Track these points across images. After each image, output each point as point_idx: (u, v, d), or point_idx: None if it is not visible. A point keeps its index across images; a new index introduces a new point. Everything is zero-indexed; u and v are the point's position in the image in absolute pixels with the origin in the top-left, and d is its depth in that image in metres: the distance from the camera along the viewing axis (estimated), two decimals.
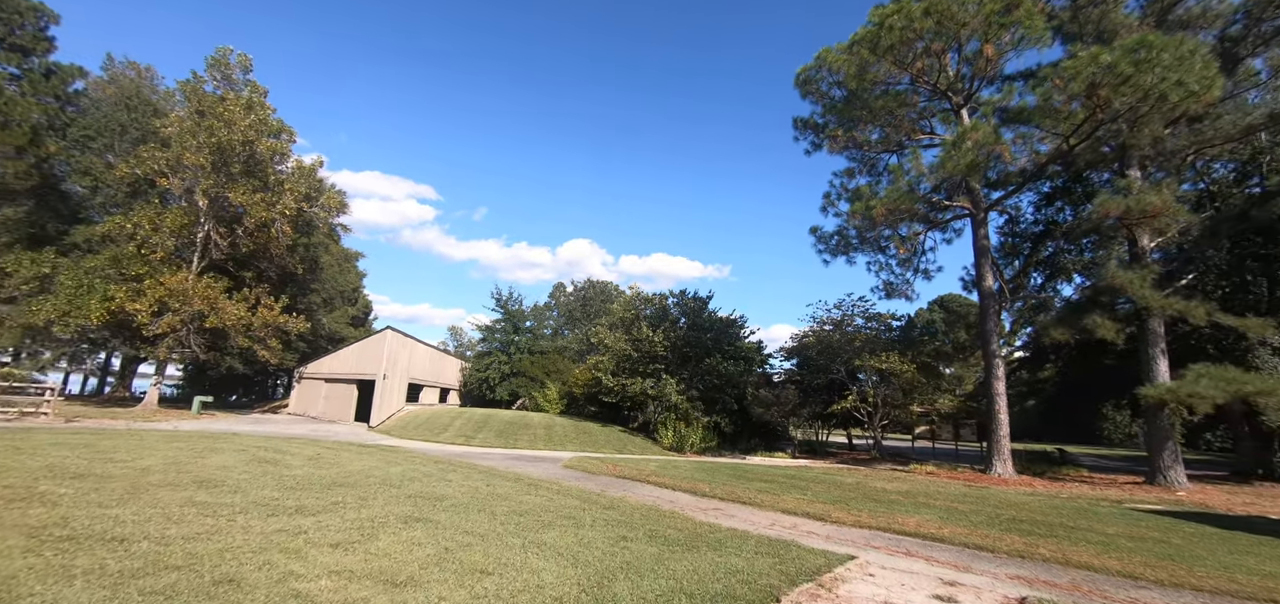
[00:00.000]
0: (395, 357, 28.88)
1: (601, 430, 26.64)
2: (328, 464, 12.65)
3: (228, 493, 8.63)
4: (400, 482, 10.85)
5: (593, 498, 10.64)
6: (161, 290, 24.95)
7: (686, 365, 28.02)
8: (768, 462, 23.72)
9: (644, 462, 18.69)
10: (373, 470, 11.97)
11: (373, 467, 12.61)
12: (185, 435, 16.83)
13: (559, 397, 37.41)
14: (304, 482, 9.96)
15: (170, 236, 26.51)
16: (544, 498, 10.22)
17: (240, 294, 28.50)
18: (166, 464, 10.76)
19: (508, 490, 10.77)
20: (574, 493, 11.11)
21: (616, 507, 9.88)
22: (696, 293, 28.38)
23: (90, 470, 9.57)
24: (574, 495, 10.75)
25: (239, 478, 9.95)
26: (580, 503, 9.99)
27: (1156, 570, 7.46)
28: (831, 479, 16.85)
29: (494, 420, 27.32)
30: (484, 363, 43.65)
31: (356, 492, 9.38)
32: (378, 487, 10.10)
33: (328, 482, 10.21)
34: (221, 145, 26.39)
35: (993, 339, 19.36)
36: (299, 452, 14.51)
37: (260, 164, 28.94)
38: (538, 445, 22.67)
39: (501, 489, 10.85)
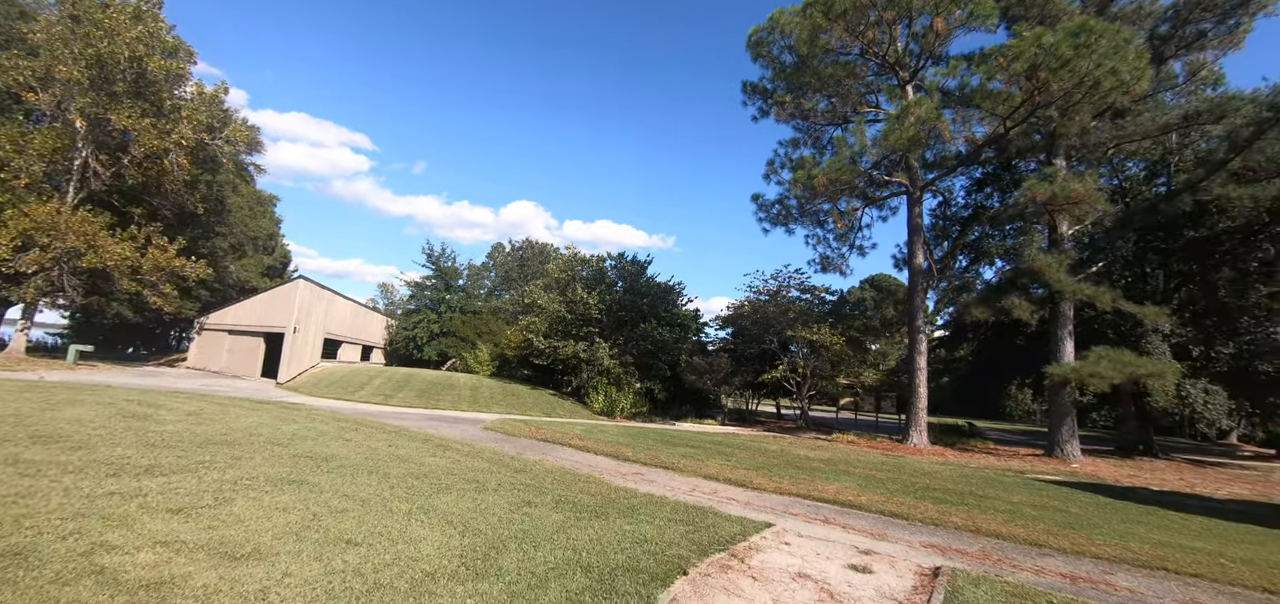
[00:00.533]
0: (308, 309, 26.71)
1: (531, 394, 25.83)
2: (210, 420, 11.28)
3: (67, 450, 7.37)
4: (289, 440, 9.74)
5: (505, 460, 9.94)
6: (26, 222, 21.79)
7: (622, 330, 27.51)
8: (697, 428, 23.72)
9: (570, 425, 18.12)
10: (260, 428, 10.74)
11: (262, 424, 11.35)
12: (46, 387, 14.76)
13: (491, 359, 36.30)
14: (172, 439, 8.71)
15: (38, 161, 23.11)
16: (450, 460, 9.42)
17: (126, 232, 25.41)
18: (3, 417, 9.18)
19: (412, 451, 9.89)
20: (486, 455, 10.36)
21: (529, 470, 9.23)
22: (636, 257, 27.83)
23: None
24: (485, 458, 10.01)
25: (90, 434, 8.59)
26: (489, 465, 9.27)
27: (1059, 539, 7.58)
28: (757, 446, 16.86)
29: (417, 380, 25.94)
30: (412, 321, 41.61)
31: (232, 451, 8.26)
32: (261, 446, 8.99)
33: (202, 440, 8.99)
34: (102, 58, 23.02)
35: (919, 315, 19.90)
36: (178, 406, 12.95)
37: (152, 86, 25.60)
38: (461, 406, 21.64)
39: (405, 450, 9.95)
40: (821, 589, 4.89)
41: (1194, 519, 10.36)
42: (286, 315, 25.69)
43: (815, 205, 24.81)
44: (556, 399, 25.78)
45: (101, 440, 8.18)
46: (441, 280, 44.22)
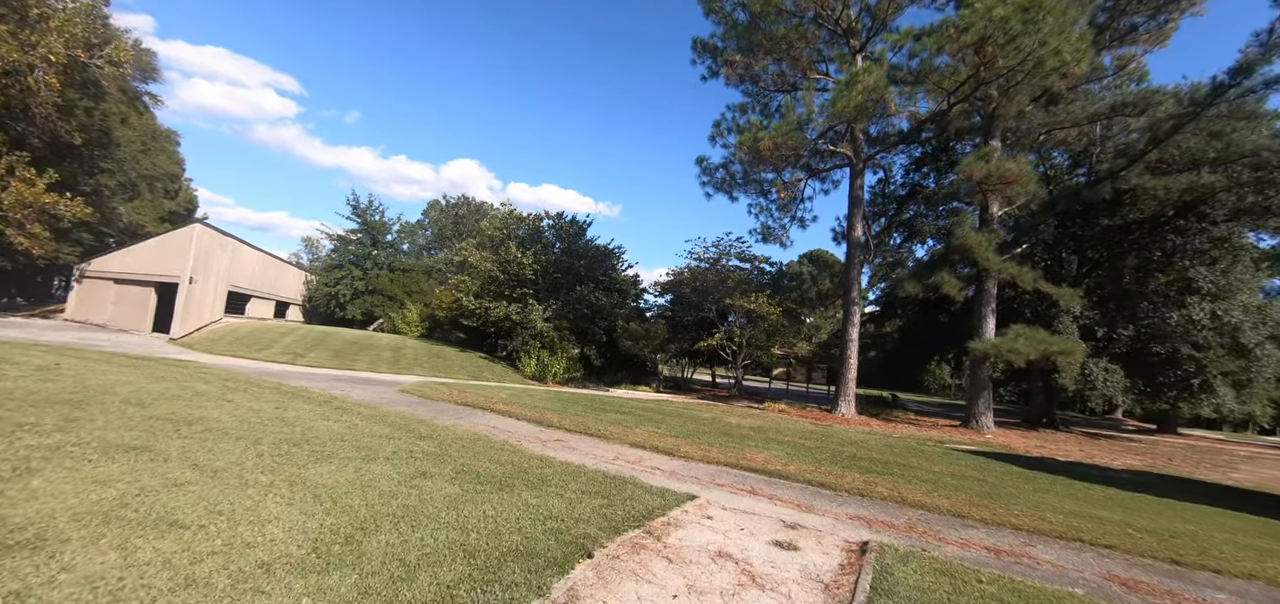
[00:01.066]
0: (208, 257, 24.09)
1: (459, 356, 24.59)
2: (63, 377, 9.67)
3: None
4: (152, 401, 8.41)
5: (410, 425, 9.00)
6: None
7: (557, 293, 26.56)
8: (631, 395, 23.31)
9: (497, 389, 17.20)
10: (120, 386, 9.28)
11: (126, 382, 9.84)
12: None
13: (420, 319, 34.57)
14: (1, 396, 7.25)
15: None
16: (346, 424, 8.40)
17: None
18: None
19: (302, 414, 8.79)
20: (391, 419, 9.37)
21: (435, 436, 8.36)
22: (575, 217, 26.78)
23: None
24: (389, 422, 9.03)
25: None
26: (391, 431, 8.32)
27: (980, 509, 7.52)
28: (689, 413, 16.57)
29: (334, 339, 24.13)
30: (334, 277, 38.90)
31: (71, 411, 6.95)
32: (114, 407, 7.66)
33: (40, 398, 7.55)
34: None
35: (854, 288, 20.11)
36: (30, 360, 11.11)
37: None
38: (380, 368, 20.23)
39: (294, 413, 8.83)
40: (743, 571, 4.39)
41: (1097, 488, 10.78)
42: (181, 263, 23.04)
43: (759, 174, 24.54)
44: (487, 363, 24.66)
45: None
46: (368, 235, 41.48)
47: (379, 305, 38.56)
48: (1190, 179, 17.52)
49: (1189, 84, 17.26)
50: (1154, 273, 22.01)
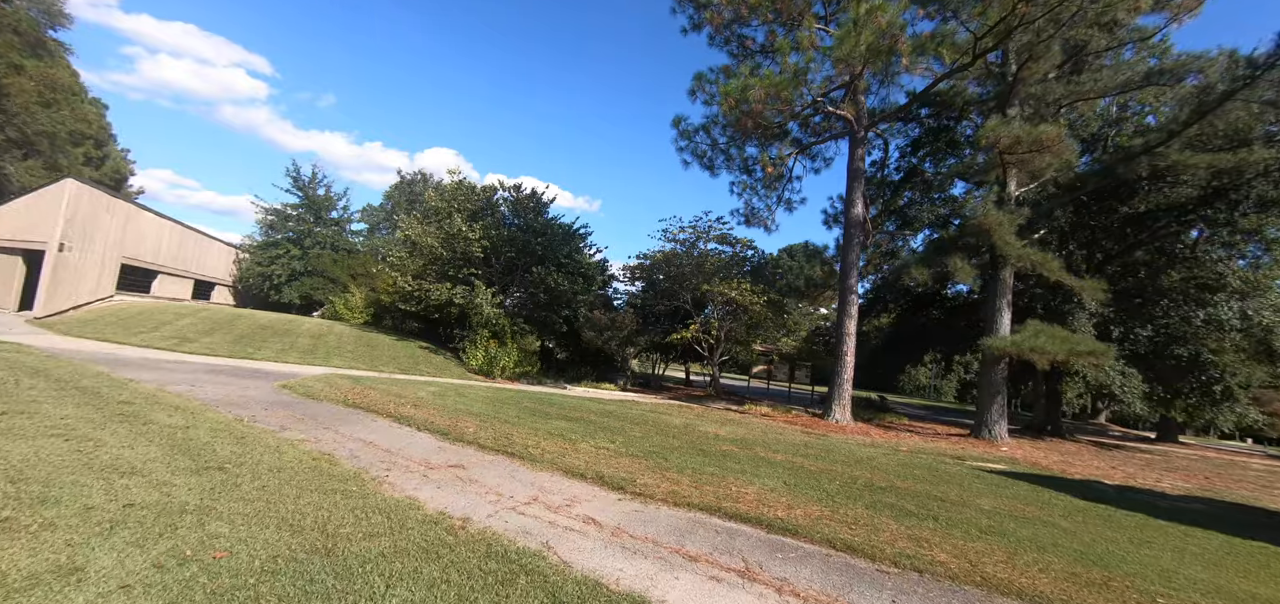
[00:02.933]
0: (88, 223, 20.07)
1: (396, 345, 21.14)
2: None
3: None
4: None
5: (215, 445, 5.73)
6: None
7: (512, 275, 23.28)
8: (591, 393, 20.22)
9: (421, 387, 13.92)
10: None
11: None
12: None
13: (365, 305, 30.93)
14: None
15: None
16: (112, 447, 5.14)
17: None
18: None
19: (46, 426, 5.49)
20: (200, 432, 6.11)
21: (245, 463, 5.20)
22: (535, 190, 23.41)
23: None
24: (193, 441, 5.78)
25: None
26: (167, 455, 5.08)
27: (1101, 597, 4.66)
28: (656, 419, 13.55)
29: (243, 323, 20.48)
30: (268, 255, 34.84)
31: None
32: None
33: None
34: None
35: (852, 273, 17.30)
36: None
37: None
38: (288, 358, 16.72)
39: (25, 423, 5.52)
40: None
41: (1197, 534, 8.07)
42: (49, 228, 19.05)
43: (743, 145, 21.69)
44: (429, 353, 21.26)
45: None
46: (310, 210, 37.47)
47: (319, 288, 34.70)
48: (1241, 156, 15.19)
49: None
50: (1175, 266, 19.84)
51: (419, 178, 45.08)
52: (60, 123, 32.22)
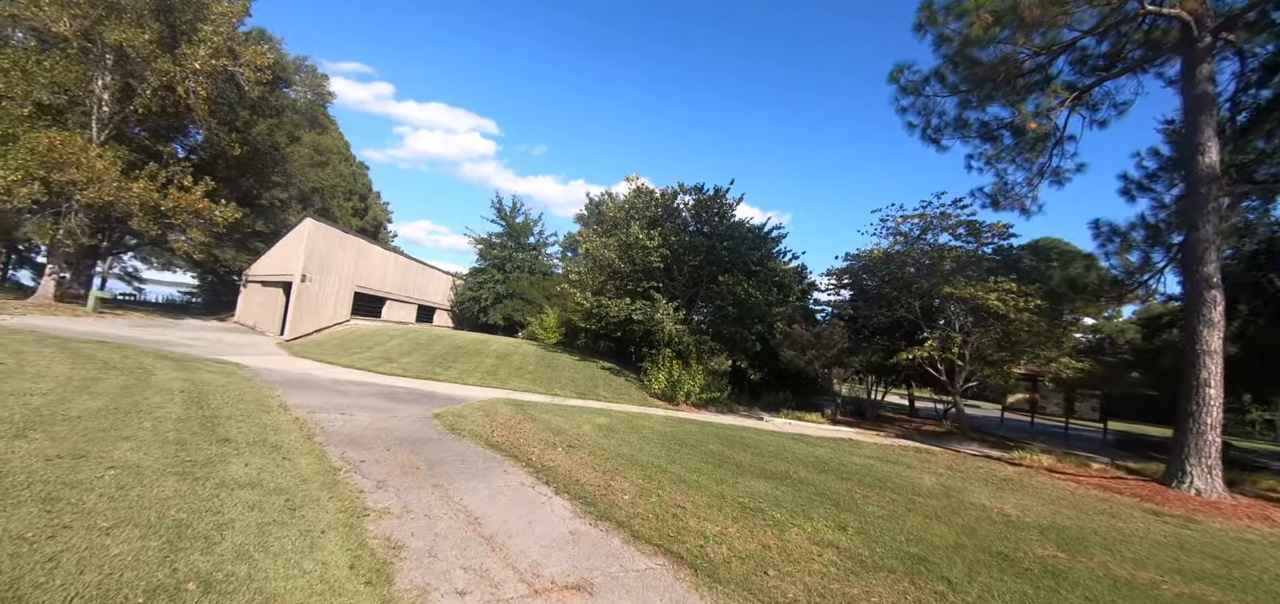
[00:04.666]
0: (325, 256, 22.77)
1: (575, 367, 19.98)
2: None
3: None
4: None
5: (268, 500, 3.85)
6: (25, 155, 19.44)
7: (696, 286, 20.75)
8: (794, 426, 16.53)
9: (588, 417, 11.85)
10: None
11: None
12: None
13: (558, 325, 31.40)
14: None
15: (45, 89, 20.84)
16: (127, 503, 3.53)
17: (146, 170, 22.92)
18: None
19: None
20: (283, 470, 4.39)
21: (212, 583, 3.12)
22: (718, 188, 20.60)
23: None
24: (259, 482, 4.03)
25: None
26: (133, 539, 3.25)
27: None
28: (895, 476, 9.53)
29: (441, 344, 21.16)
30: (477, 281, 37.70)
31: None
32: None
33: None
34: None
35: (1209, 255, 10.95)
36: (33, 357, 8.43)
37: (169, 8, 22.73)
38: (471, 379, 16.23)
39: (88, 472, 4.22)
40: None
41: None
42: (295, 263, 21.90)
43: (984, 108, 16.34)
44: (610, 375, 19.69)
45: None
46: (511, 238, 39.89)
47: (519, 310, 36.42)
48: None
49: None
50: None
51: (606, 198, 45.78)
52: (326, 180, 39.03)
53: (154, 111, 23.52)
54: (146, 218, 22.34)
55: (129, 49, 21.10)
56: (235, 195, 27.63)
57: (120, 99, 22.80)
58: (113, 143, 22.99)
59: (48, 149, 19.67)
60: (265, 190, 32.37)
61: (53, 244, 22.58)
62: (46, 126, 20.95)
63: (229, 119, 27.22)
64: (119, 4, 21.12)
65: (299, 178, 35.52)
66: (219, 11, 23.10)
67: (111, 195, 20.60)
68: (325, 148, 39.96)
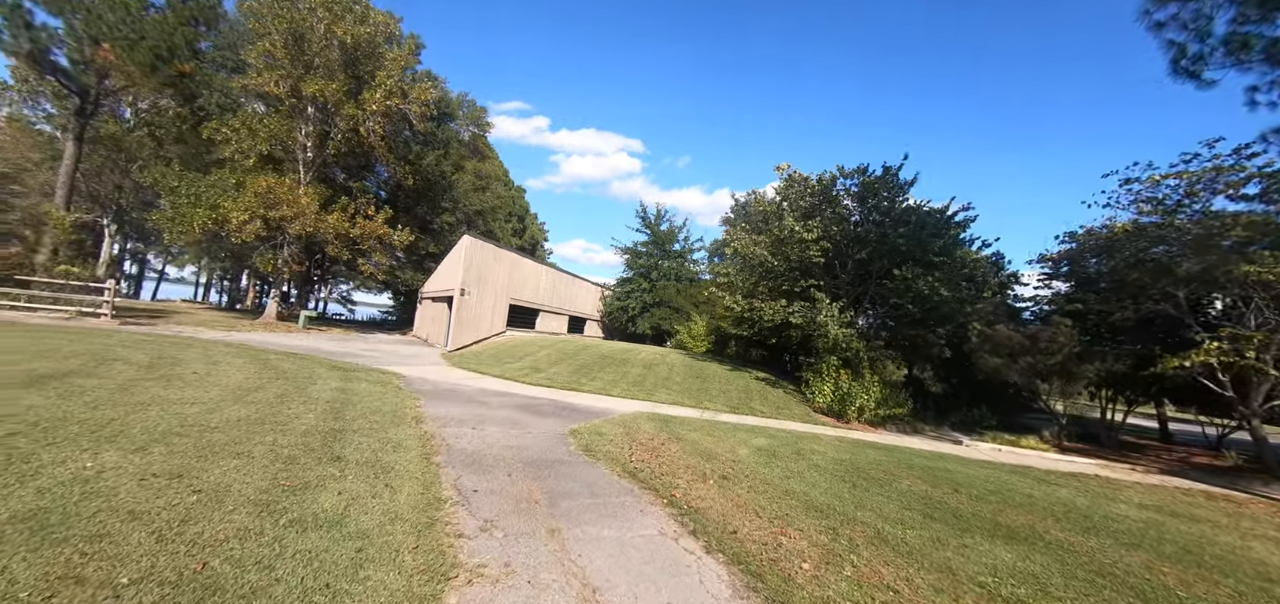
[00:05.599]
0: (482, 270, 23.72)
1: (726, 377, 18.22)
2: (171, 364, 6.85)
3: None
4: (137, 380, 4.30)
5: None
6: (250, 197, 22.93)
7: (864, 284, 17.86)
8: (1007, 455, 13.06)
9: (743, 436, 10.04)
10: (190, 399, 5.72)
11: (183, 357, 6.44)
12: (212, 344, 12.99)
13: (706, 333, 30.10)
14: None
15: (265, 142, 24.50)
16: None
17: (340, 203, 25.96)
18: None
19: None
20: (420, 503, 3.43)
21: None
22: (887, 166, 17.55)
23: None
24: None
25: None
26: None
27: None
28: (1207, 544, 6.38)
29: (587, 354, 20.73)
30: (625, 290, 37.71)
31: None
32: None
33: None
34: (297, 32, 23.26)
35: None
36: (196, 353, 9.20)
37: (355, 61, 25.60)
38: (613, 390, 15.27)
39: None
40: None
41: None
42: (453, 278, 23.09)
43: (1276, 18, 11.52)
44: (766, 387, 17.64)
45: None
46: (656, 246, 39.38)
47: (666, 318, 35.60)
48: None
49: None
50: None
51: (752, 198, 43.44)
52: (487, 203, 42.00)
53: (344, 152, 26.60)
54: (339, 244, 25.19)
55: (322, 98, 23.98)
56: (411, 222, 30.41)
57: (319, 145, 26.07)
58: (315, 183, 26.31)
59: (266, 190, 22.96)
60: (436, 216, 35.42)
61: (273, 272, 26.42)
62: (265, 173, 24.52)
63: (403, 153, 30.03)
64: (313, 62, 24.10)
65: (464, 202, 38.56)
66: (391, 58, 25.48)
67: (312, 227, 23.47)
68: (486, 174, 43.18)
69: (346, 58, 25.31)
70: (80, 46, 25.66)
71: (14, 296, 17.12)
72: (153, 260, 57.63)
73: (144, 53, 25.51)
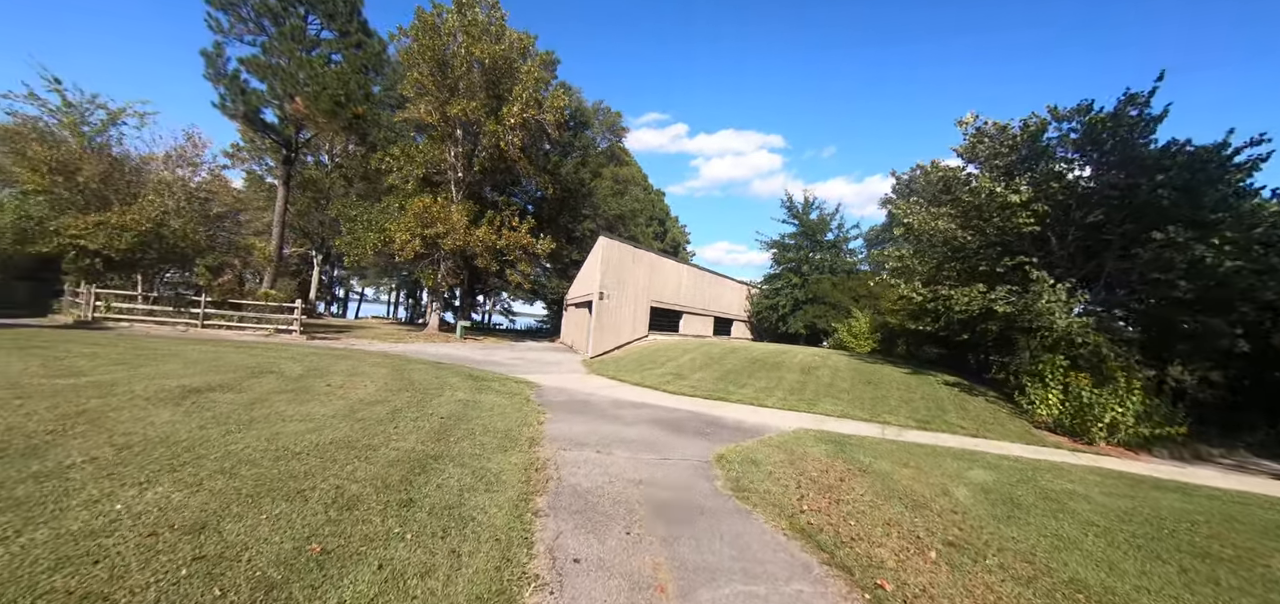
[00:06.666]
0: (620, 272, 22.72)
1: (906, 383, 15.00)
2: (319, 375, 6.56)
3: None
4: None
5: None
6: (409, 218, 24.52)
7: (1100, 256, 13.55)
8: None
9: (953, 465, 7.31)
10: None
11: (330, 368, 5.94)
12: (366, 355, 13.70)
13: (871, 330, 26.72)
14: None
15: (421, 166, 26.18)
16: None
17: (486, 217, 26.90)
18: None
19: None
20: None
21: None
22: (1133, 95, 13.05)
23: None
24: None
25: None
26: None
27: None
28: None
29: (735, 357, 18.72)
30: (773, 287, 34.83)
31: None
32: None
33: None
34: (441, 58, 24.43)
35: None
36: (339, 367, 9.09)
37: (494, 80, 26.40)
38: (767, 400, 13.02)
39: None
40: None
41: None
42: (593, 280, 22.37)
43: None
44: (960, 394, 14.15)
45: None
46: (806, 237, 35.89)
47: (821, 315, 32.12)
48: None
49: None
50: None
51: (920, 173, 37.84)
52: (626, 207, 41.74)
53: (489, 169, 27.54)
54: (487, 256, 26.00)
55: (465, 117, 24.96)
56: (554, 231, 30.80)
57: (467, 164, 27.26)
58: (465, 200, 27.57)
59: (422, 210, 24.36)
60: (578, 223, 35.76)
61: (432, 287, 28.16)
62: (423, 195, 26.12)
63: (542, 164, 30.51)
64: (456, 85, 25.17)
65: (604, 208, 38.65)
66: (525, 71, 25.80)
67: (462, 241, 24.41)
68: (624, 178, 43.11)
69: (486, 78, 26.11)
70: (280, 103, 29.73)
71: (228, 317, 19.69)
72: (356, 285, 66.89)
73: (326, 100, 28.72)
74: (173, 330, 17.98)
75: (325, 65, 30.18)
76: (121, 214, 18.36)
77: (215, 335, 17.76)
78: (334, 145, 35.04)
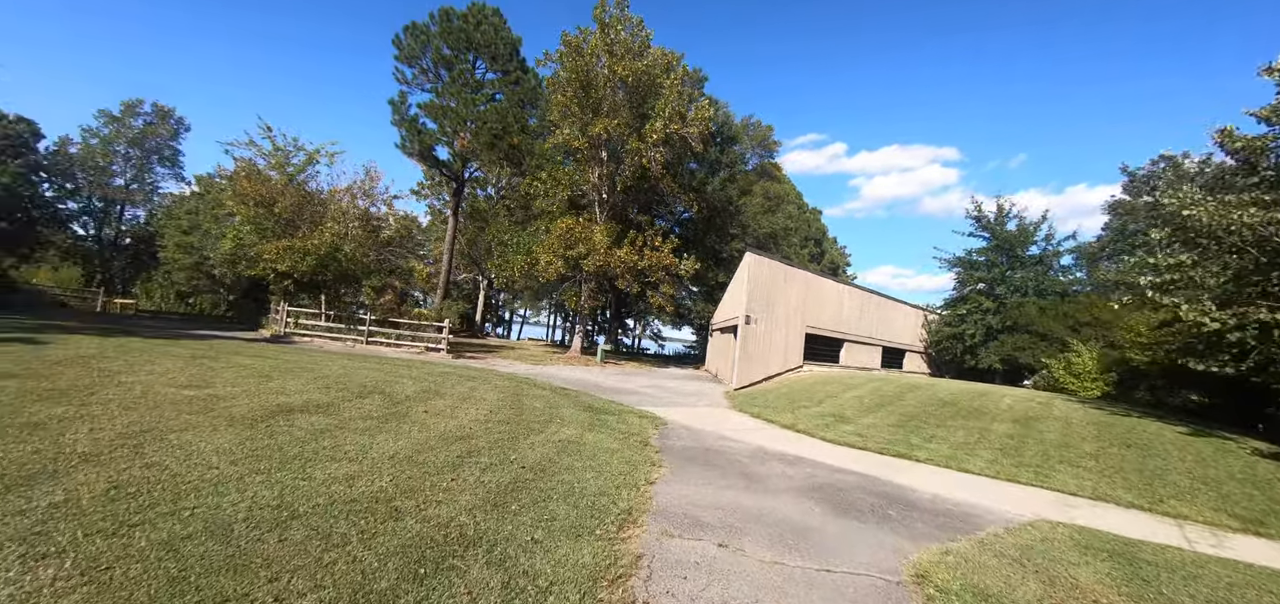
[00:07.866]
0: (769, 292, 19.85)
1: (1187, 448, 10.40)
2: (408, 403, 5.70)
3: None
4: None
5: None
6: (553, 240, 24.49)
7: None
8: None
9: None
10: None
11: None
12: (493, 376, 13.34)
13: (1101, 368, 21.09)
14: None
15: (566, 189, 26.22)
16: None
17: (628, 237, 26.03)
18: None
19: None
20: None
21: None
22: None
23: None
24: None
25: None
26: None
27: None
28: None
29: (913, 397, 15.13)
30: (957, 314, 29.24)
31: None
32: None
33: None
34: (585, 80, 24.17)
35: None
36: (456, 389, 8.21)
37: (637, 98, 25.63)
38: (971, 462, 9.57)
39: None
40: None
41: None
42: (738, 302, 19.87)
43: None
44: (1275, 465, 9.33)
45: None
46: (1001, 251, 29.73)
47: (1025, 348, 26.07)
48: None
49: None
50: None
51: (1165, 166, 29.31)
52: (778, 224, 38.60)
53: (631, 188, 26.72)
54: (629, 277, 25.00)
55: (607, 136, 24.41)
56: (701, 252, 29.08)
57: (610, 184, 26.73)
58: (609, 221, 27.01)
59: (565, 231, 24.17)
60: (725, 244, 33.65)
61: (575, 308, 27.90)
62: (569, 217, 26.05)
63: (687, 182, 29.01)
64: (599, 105, 24.74)
65: (753, 225, 36.05)
66: (669, 83, 24.58)
67: (603, 261, 23.72)
68: (775, 194, 40.11)
69: (630, 97, 25.42)
70: (449, 139, 32.16)
71: (387, 334, 20.90)
72: (519, 307, 71.62)
73: (485, 134, 30.36)
74: (341, 345, 19.39)
75: (490, 101, 32.14)
76: (304, 239, 20.56)
77: (376, 351, 18.73)
78: (498, 178, 37.21)
